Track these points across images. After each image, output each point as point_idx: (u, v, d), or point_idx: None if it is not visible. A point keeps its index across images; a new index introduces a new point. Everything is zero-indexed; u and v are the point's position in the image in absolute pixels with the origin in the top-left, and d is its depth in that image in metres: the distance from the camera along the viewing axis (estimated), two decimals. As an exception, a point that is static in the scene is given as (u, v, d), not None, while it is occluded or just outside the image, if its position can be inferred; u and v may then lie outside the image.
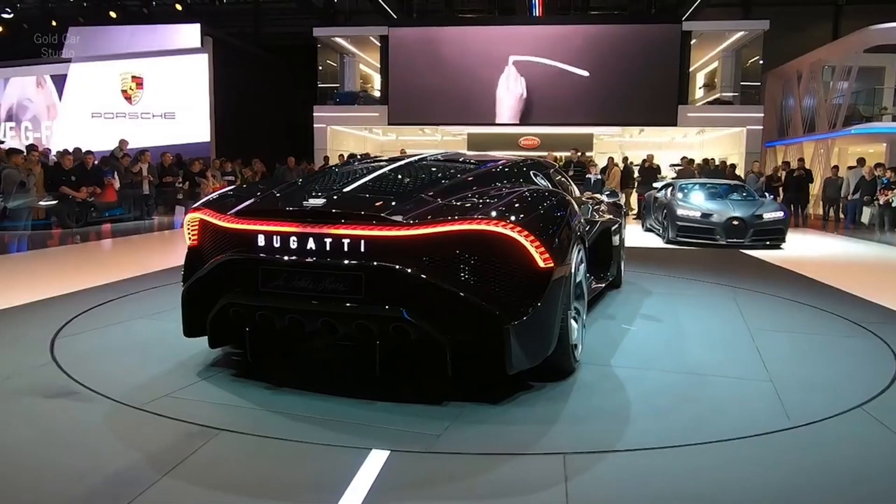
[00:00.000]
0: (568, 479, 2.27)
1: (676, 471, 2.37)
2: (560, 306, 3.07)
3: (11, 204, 10.39)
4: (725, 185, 11.99)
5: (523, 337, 2.87)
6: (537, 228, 2.93)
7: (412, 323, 2.81)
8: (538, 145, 21.20)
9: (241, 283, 3.06)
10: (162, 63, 19.96)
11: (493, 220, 2.84)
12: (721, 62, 21.89)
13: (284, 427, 2.68)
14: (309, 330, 3.06)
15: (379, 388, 3.09)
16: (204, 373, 3.35)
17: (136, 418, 2.76)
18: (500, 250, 2.87)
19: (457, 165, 3.99)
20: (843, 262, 8.99)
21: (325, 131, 20.92)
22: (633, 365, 3.62)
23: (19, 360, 3.53)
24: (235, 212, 3.17)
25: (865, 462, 2.48)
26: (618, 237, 5.73)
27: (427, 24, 22.43)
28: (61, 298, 5.19)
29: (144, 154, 13.43)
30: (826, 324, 4.79)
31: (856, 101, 18.73)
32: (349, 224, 2.89)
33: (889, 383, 3.35)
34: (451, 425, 2.73)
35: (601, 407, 3.01)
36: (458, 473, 2.33)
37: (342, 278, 2.88)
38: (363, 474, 2.27)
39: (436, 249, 2.85)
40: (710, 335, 4.39)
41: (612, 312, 4.98)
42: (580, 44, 20.33)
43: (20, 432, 2.62)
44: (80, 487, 2.17)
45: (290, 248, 2.95)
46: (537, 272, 2.92)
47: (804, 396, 3.13)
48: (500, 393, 3.08)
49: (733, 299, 5.64)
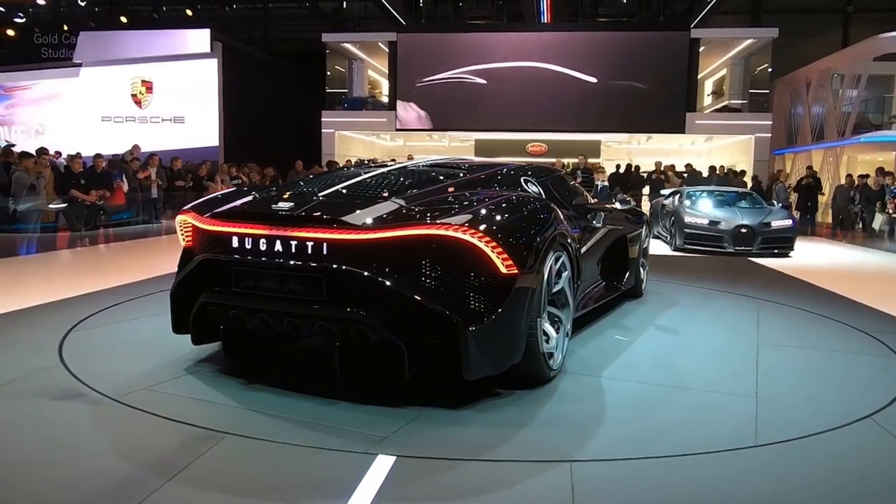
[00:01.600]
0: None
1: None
2: (526, 314, 3.03)
3: (21, 207, 10.47)
4: (733, 193, 11.94)
5: (483, 343, 2.85)
6: (501, 234, 2.91)
7: (371, 326, 2.84)
8: (545, 151, 21.22)
9: (217, 283, 3.16)
10: (172, 68, 20.11)
11: (451, 226, 2.84)
12: (729, 69, 21.88)
13: (285, 430, 2.68)
14: (277, 330, 3.11)
15: (371, 391, 3.10)
16: (212, 377, 3.36)
17: (144, 421, 2.77)
18: (459, 255, 2.87)
19: (445, 172, 4.00)
20: (858, 272, 8.93)
21: (332, 136, 21.02)
22: (616, 376, 3.54)
23: (27, 362, 3.55)
24: (211, 214, 3.29)
25: (867, 472, 2.46)
26: (637, 246, 5.61)
27: (435, 31, 22.52)
28: (70, 301, 5.22)
29: (153, 158, 13.50)
30: (845, 337, 4.68)
31: (865, 109, 18.65)
32: (311, 227, 2.95)
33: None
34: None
35: (560, 414, 2.96)
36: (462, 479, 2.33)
37: (305, 280, 2.95)
38: (369, 479, 2.27)
39: (394, 253, 2.88)
40: (712, 348, 4.28)
41: (627, 323, 4.88)
42: (588, 50, 20.37)
43: (27, 434, 2.63)
44: (84, 491, 2.17)
45: (259, 250, 3.05)
46: (499, 278, 2.90)
47: (786, 414, 3.00)
48: (458, 398, 3.07)
49: (755, 311, 5.44)
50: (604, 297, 4.87)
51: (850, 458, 2.60)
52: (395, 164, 4.43)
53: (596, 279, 4.74)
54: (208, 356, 3.66)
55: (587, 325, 4.64)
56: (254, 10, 27.31)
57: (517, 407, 3.04)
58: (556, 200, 4.19)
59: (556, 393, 3.23)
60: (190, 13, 25.83)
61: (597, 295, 4.71)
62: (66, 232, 10.99)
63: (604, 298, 4.87)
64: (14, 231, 10.39)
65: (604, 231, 4.84)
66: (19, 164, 10.72)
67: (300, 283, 2.95)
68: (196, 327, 3.35)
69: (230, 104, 20.48)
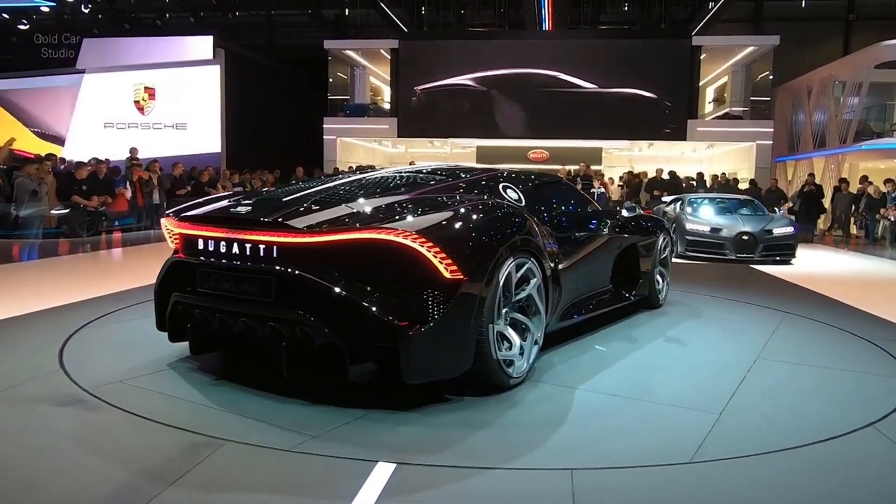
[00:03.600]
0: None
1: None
2: (474, 320, 3.01)
3: (23, 212, 10.49)
4: (735, 200, 11.94)
5: (424, 347, 2.87)
6: (444, 240, 2.92)
7: (314, 328, 2.88)
8: (547, 158, 21.25)
9: (187, 283, 3.30)
10: (174, 74, 20.18)
11: (394, 230, 2.87)
12: (731, 77, 21.92)
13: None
14: (236, 330, 3.17)
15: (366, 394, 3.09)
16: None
17: (143, 427, 2.77)
18: (402, 260, 2.89)
19: (423, 178, 4.03)
20: (865, 280, 8.91)
21: (334, 143, 21.05)
22: (581, 385, 3.44)
23: (28, 367, 3.54)
24: (180, 217, 3.44)
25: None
26: (651, 256, 5.49)
27: (437, 38, 22.59)
28: (71, 307, 5.22)
29: (154, 164, 13.54)
30: (853, 348, 4.67)
31: (867, 116, 18.66)
32: (262, 231, 3.05)
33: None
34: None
35: (498, 420, 2.94)
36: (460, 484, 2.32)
37: (257, 281, 3.05)
38: (369, 487, 2.26)
39: (338, 257, 2.92)
40: (701, 362, 4.08)
41: (635, 334, 4.74)
42: (590, 58, 20.41)
43: (26, 440, 2.63)
44: (83, 498, 2.17)
45: (219, 252, 3.19)
46: (442, 283, 2.90)
47: (744, 431, 2.87)
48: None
49: (777, 323, 5.22)
50: (606, 306, 4.79)
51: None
52: (380, 171, 4.56)
53: (595, 287, 4.68)
54: (208, 362, 3.66)
55: (582, 334, 4.57)
56: (256, 17, 27.40)
57: (471, 411, 3.04)
58: (539, 207, 4.13)
59: (502, 400, 3.18)
60: (193, 20, 25.92)
61: (596, 304, 4.63)
62: (68, 238, 11.01)
63: (605, 308, 4.77)
64: (16, 237, 10.40)
65: (602, 239, 4.73)
66: (22, 169, 10.74)
67: (252, 285, 3.05)
68: (171, 326, 3.48)
69: (232, 111, 20.54)
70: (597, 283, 4.74)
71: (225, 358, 3.68)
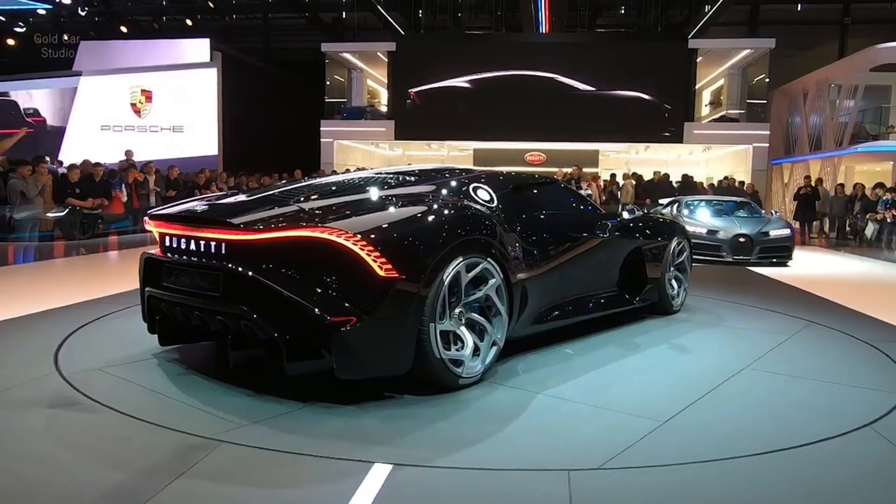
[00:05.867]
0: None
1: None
2: (412, 319, 3.03)
3: (18, 215, 10.44)
4: (731, 202, 11.96)
5: (356, 344, 2.92)
6: (378, 239, 2.97)
7: (254, 322, 2.97)
8: (544, 161, 21.26)
9: (158, 278, 3.47)
10: (171, 77, 20.17)
11: (328, 229, 2.95)
12: (727, 80, 21.98)
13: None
14: (194, 323, 3.30)
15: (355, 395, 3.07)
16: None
17: (138, 429, 2.75)
18: (336, 258, 2.96)
19: (391, 179, 4.10)
20: (868, 284, 8.93)
21: (332, 145, 21.04)
22: (534, 389, 3.36)
23: (22, 370, 3.52)
24: (151, 216, 3.66)
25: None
26: (661, 260, 5.31)
27: (435, 41, 22.62)
28: (66, 309, 5.20)
29: (149, 165, 13.51)
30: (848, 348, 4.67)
31: (862, 119, 18.72)
32: (210, 228, 3.21)
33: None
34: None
35: (431, 419, 2.94)
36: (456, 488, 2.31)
37: (207, 277, 3.19)
38: (365, 488, 2.25)
39: (276, 254, 3.02)
40: (679, 370, 3.90)
41: (638, 341, 4.57)
42: (586, 61, 20.46)
43: (22, 443, 2.61)
44: (79, 499, 2.15)
45: (179, 248, 3.38)
46: (376, 282, 2.95)
47: (675, 441, 2.74)
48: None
49: (794, 334, 4.92)
50: (601, 310, 4.70)
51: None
52: (358, 172, 4.77)
53: (586, 291, 4.60)
54: (205, 360, 3.64)
55: (573, 338, 4.50)
56: (253, 21, 27.42)
57: (380, 409, 3.01)
58: (514, 208, 4.07)
59: (437, 400, 3.16)
60: (190, 23, 25.93)
61: (588, 307, 4.55)
62: (63, 241, 10.98)
63: (599, 312, 4.68)
64: (11, 240, 10.36)
65: (594, 242, 4.63)
66: (16, 171, 10.70)
67: (204, 280, 3.20)
68: (150, 319, 3.66)
69: (229, 113, 20.52)
70: (588, 286, 4.64)
71: (222, 358, 3.66)
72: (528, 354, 4.03)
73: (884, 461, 2.64)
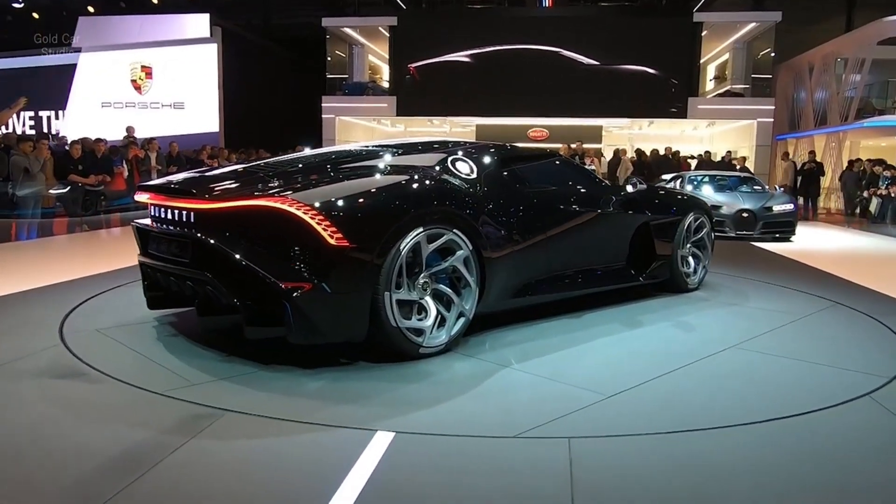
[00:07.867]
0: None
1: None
2: (365, 287, 3.11)
3: (20, 192, 10.45)
4: (735, 178, 11.92)
5: (309, 310, 3.01)
6: (328, 208, 3.06)
7: (216, 287, 3.13)
8: (547, 137, 21.15)
9: (146, 246, 3.72)
10: (171, 53, 20.01)
11: (280, 198, 3.07)
12: (732, 54, 21.77)
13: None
14: (174, 289, 3.49)
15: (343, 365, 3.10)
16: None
17: (143, 399, 2.78)
18: (288, 226, 3.05)
19: (367, 152, 4.21)
20: (869, 258, 8.92)
21: (333, 122, 20.94)
22: (504, 363, 3.35)
23: (28, 342, 3.56)
24: (140, 187, 3.81)
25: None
26: (671, 236, 5.15)
27: (436, 15, 22.38)
28: (70, 283, 5.23)
29: (152, 143, 13.47)
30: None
31: (868, 93, 18.56)
32: (181, 198, 3.35)
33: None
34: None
35: (364, 387, 2.98)
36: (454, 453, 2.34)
37: (179, 244, 3.39)
38: (367, 455, 2.28)
39: (235, 222, 3.15)
40: (652, 348, 3.78)
41: (641, 319, 4.45)
42: (590, 35, 20.25)
43: (28, 413, 2.64)
44: (83, 466, 2.19)
45: (159, 217, 3.53)
46: (328, 250, 3.03)
47: (610, 414, 2.72)
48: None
49: (816, 315, 4.69)
50: (597, 285, 4.63)
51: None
52: (342, 146, 5.02)
53: (582, 265, 4.55)
54: (208, 333, 3.67)
55: (569, 312, 4.51)
56: (253, -5, 27.08)
57: (348, 379, 3.04)
58: (496, 181, 4.02)
59: (395, 369, 3.20)
60: (189, -2, 25.62)
61: (580, 282, 4.48)
62: (66, 217, 10.99)
63: (594, 287, 4.61)
64: (13, 216, 10.38)
65: (590, 215, 4.55)
66: (18, 147, 10.68)
67: (177, 247, 3.40)
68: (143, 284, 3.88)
69: (230, 89, 20.39)
70: (585, 261, 4.58)
71: (227, 330, 3.69)
72: (503, 328, 3.99)
73: (881, 428, 2.67)
